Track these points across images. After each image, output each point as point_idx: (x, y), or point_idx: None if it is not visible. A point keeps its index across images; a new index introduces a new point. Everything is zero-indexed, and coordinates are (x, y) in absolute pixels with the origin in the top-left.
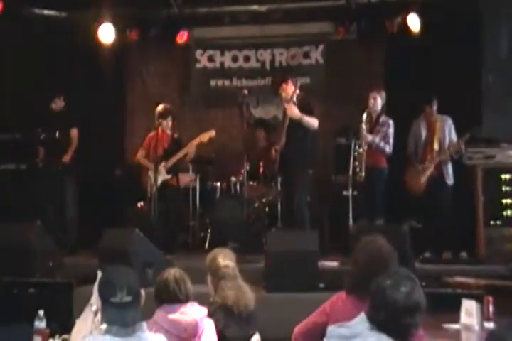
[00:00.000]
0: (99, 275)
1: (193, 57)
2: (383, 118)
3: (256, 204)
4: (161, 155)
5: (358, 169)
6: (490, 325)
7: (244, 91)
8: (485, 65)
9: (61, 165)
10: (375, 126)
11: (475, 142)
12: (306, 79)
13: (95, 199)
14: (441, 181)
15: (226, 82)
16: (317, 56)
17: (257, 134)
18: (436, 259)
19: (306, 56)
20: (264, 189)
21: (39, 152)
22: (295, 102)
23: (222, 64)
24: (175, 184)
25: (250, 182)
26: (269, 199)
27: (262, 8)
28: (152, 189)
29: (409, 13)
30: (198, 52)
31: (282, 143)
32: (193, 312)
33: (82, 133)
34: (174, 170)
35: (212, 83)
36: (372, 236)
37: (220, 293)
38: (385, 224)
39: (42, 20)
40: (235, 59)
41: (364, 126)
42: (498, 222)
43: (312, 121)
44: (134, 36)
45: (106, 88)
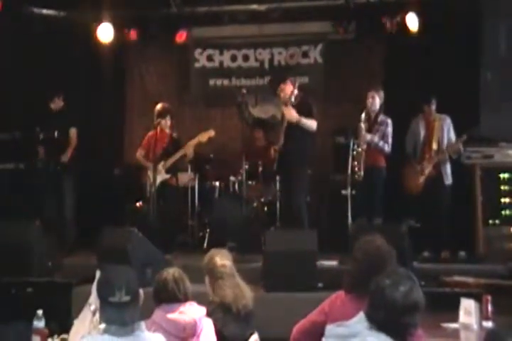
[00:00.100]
0: (98, 274)
1: (192, 57)
2: (382, 117)
3: (255, 204)
4: (160, 154)
5: (356, 168)
6: (488, 324)
7: (243, 91)
8: (484, 65)
9: (60, 164)
10: (373, 125)
11: (473, 141)
12: (305, 79)
13: (94, 199)
14: (439, 181)
15: (225, 82)
16: (316, 55)
17: (256, 134)
18: (434, 258)
19: (305, 55)
20: (263, 188)
21: (39, 151)
22: (293, 103)
23: (221, 63)
24: (174, 183)
25: (249, 181)
26: (268, 198)
27: (261, 7)
28: (151, 188)
29: (408, 13)
30: (197, 52)
31: (281, 143)
32: (191, 312)
33: (81, 133)
34: (173, 170)
35: (211, 82)
36: (371, 236)
37: (218, 292)
38: (384, 224)
39: (41, 20)
40: (234, 58)
41: (363, 125)
42: (497, 221)
43: (310, 124)
44: (133, 36)
45: (105, 87)
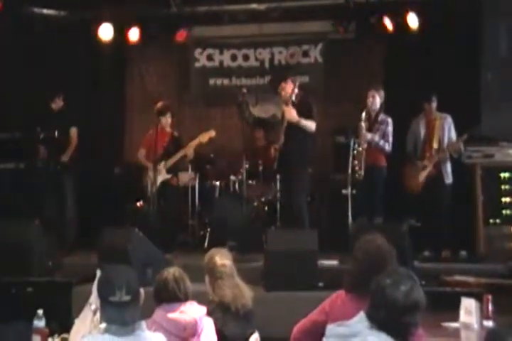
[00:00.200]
0: (99, 274)
1: (192, 56)
2: (382, 116)
3: (255, 203)
4: (160, 154)
5: (357, 168)
6: (489, 324)
7: (244, 90)
8: (484, 64)
9: (60, 164)
10: (374, 125)
11: (474, 141)
12: (305, 78)
13: (94, 199)
14: (440, 180)
15: (225, 81)
16: (316, 55)
17: (256, 134)
18: (435, 258)
19: (305, 55)
20: (264, 188)
21: (39, 151)
22: (294, 102)
23: (221, 63)
24: (175, 183)
25: (249, 181)
26: (269, 198)
27: (261, 6)
28: (152, 188)
29: (408, 13)
30: (197, 51)
31: (281, 143)
32: (192, 311)
33: (81, 133)
34: (174, 170)
35: (212, 82)
36: (371, 235)
37: (217, 292)
38: (384, 223)
39: (41, 20)
40: (234, 58)
41: (363, 124)
42: (498, 221)
43: (309, 125)
44: (134, 35)
45: (105, 87)
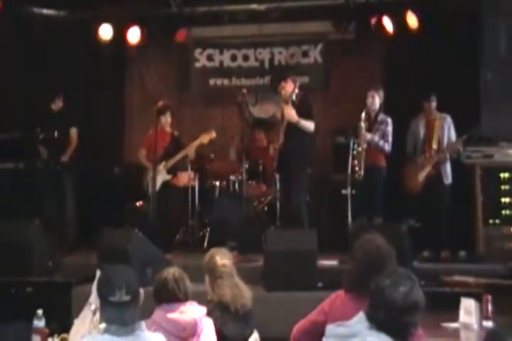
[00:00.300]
0: (98, 274)
1: (192, 57)
2: (382, 116)
3: (255, 204)
4: (161, 154)
5: (356, 168)
6: (489, 324)
7: (244, 90)
8: (484, 65)
9: (60, 164)
10: (373, 125)
11: (474, 141)
12: (305, 78)
13: (94, 198)
14: (439, 180)
15: (225, 81)
16: (316, 55)
17: (257, 135)
18: (434, 258)
19: (305, 55)
20: (263, 188)
21: (40, 151)
22: (294, 102)
23: (221, 63)
24: (175, 183)
25: (249, 181)
26: (268, 198)
27: (261, 7)
28: (153, 188)
29: (408, 12)
30: (197, 51)
31: (280, 142)
32: (192, 312)
33: (81, 133)
34: (174, 170)
35: (212, 82)
36: (371, 235)
37: (217, 292)
38: (384, 223)
39: (41, 20)
40: (234, 58)
41: (363, 124)
42: (497, 221)
43: (308, 125)
44: (133, 35)
45: (105, 87)
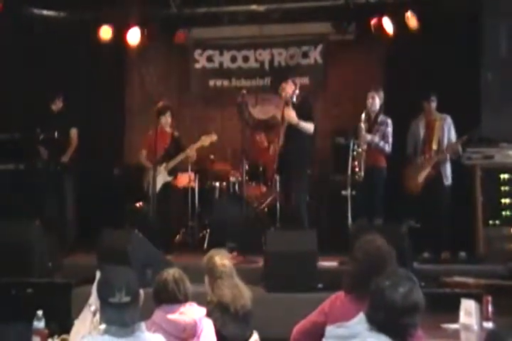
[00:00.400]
0: (98, 275)
1: (191, 58)
2: (382, 117)
3: (255, 205)
4: (161, 155)
5: (357, 169)
6: (489, 325)
7: (243, 91)
8: (484, 65)
9: (60, 164)
10: (373, 126)
11: (474, 142)
12: (305, 79)
13: (94, 199)
14: (439, 181)
15: (225, 82)
16: (316, 56)
17: (257, 137)
18: (435, 259)
19: (305, 56)
20: (263, 189)
21: (40, 152)
22: (295, 103)
23: (221, 64)
24: (176, 185)
25: (249, 182)
26: (268, 199)
27: (261, 8)
28: (153, 189)
29: (408, 13)
30: (197, 52)
31: (281, 144)
32: (192, 313)
33: (81, 133)
34: (175, 172)
35: (211, 83)
36: (371, 236)
37: (216, 292)
38: (384, 224)
39: (41, 21)
40: (233, 59)
41: (363, 125)
42: (497, 222)
43: (308, 127)
44: (133, 36)
45: (105, 88)
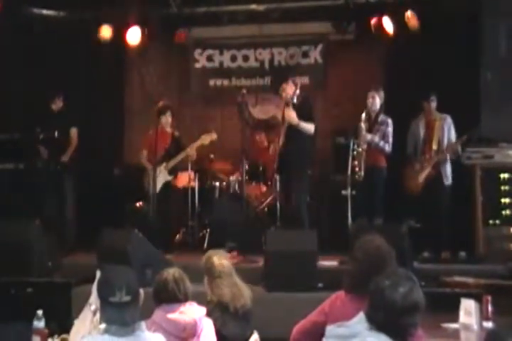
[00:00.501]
0: (98, 274)
1: (192, 57)
2: (382, 117)
3: (255, 204)
4: (162, 154)
5: (357, 168)
6: (489, 325)
7: (243, 91)
8: (484, 65)
9: (60, 164)
10: (374, 125)
11: (474, 142)
12: (305, 79)
13: (94, 199)
14: (439, 181)
15: (225, 82)
16: (316, 55)
17: (258, 136)
18: (435, 259)
19: (305, 55)
20: (263, 189)
21: (40, 152)
22: (295, 104)
23: (221, 63)
24: (176, 184)
25: (249, 181)
26: (268, 198)
27: (261, 7)
28: (154, 189)
29: (408, 12)
30: (197, 52)
31: (281, 144)
32: (192, 312)
33: (81, 133)
34: (175, 171)
35: (211, 83)
36: (371, 236)
37: (216, 291)
38: (384, 224)
39: (41, 20)
40: (233, 58)
41: (363, 125)
42: (497, 222)
43: (308, 128)
44: (133, 36)
45: (105, 87)
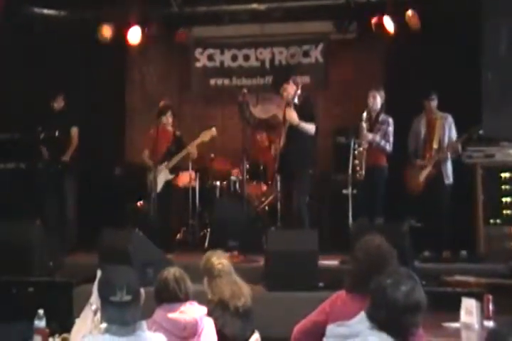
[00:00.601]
0: (99, 274)
1: (192, 56)
2: (383, 116)
3: (256, 204)
4: (163, 153)
5: (358, 168)
6: (490, 324)
7: (244, 90)
8: (484, 65)
9: (61, 164)
10: (375, 125)
11: (475, 141)
12: (306, 78)
13: (95, 199)
14: (440, 180)
15: (226, 81)
16: (317, 55)
17: (259, 136)
18: (436, 258)
19: (306, 55)
20: (264, 188)
21: (42, 152)
22: (296, 104)
23: (221, 63)
24: (177, 183)
25: (250, 181)
26: (269, 198)
27: (262, 6)
28: (155, 188)
29: (408, 12)
30: (198, 51)
31: (282, 144)
32: (192, 311)
33: (81, 133)
34: (177, 170)
35: (212, 82)
36: (371, 235)
37: (216, 291)
38: (385, 223)
39: (42, 20)
40: (234, 58)
41: (364, 124)
42: (498, 221)
43: (309, 128)
44: (134, 35)
45: (105, 87)
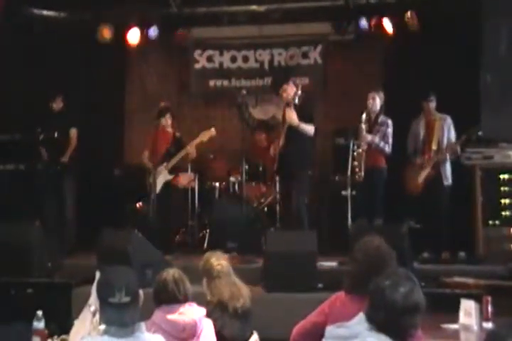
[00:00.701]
0: (98, 275)
1: (191, 58)
2: (382, 118)
3: (255, 205)
4: (163, 154)
5: (357, 169)
6: (489, 325)
7: (243, 92)
8: (484, 65)
9: (60, 164)
10: (374, 126)
11: (473, 142)
12: (305, 80)
13: (94, 199)
14: (439, 182)
15: (225, 82)
16: (316, 56)
17: (258, 136)
18: (434, 259)
19: (305, 56)
20: (263, 189)
21: (41, 152)
22: (296, 105)
23: (221, 64)
24: (176, 184)
25: (249, 182)
26: (268, 199)
27: (261, 8)
28: (154, 189)
29: (407, 13)
30: (197, 53)
31: (281, 145)
32: (191, 313)
33: (81, 133)
34: (176, 170)
35: (211, 83)
36: (370, 236)
37: (215, 292)
38: (384, 224)
39: (41, 21)
40: (233, 59)
41: (363, 126)
42: (497, 222)
43: (309, 129)
44: (133, 36)
45: (105, 88)
